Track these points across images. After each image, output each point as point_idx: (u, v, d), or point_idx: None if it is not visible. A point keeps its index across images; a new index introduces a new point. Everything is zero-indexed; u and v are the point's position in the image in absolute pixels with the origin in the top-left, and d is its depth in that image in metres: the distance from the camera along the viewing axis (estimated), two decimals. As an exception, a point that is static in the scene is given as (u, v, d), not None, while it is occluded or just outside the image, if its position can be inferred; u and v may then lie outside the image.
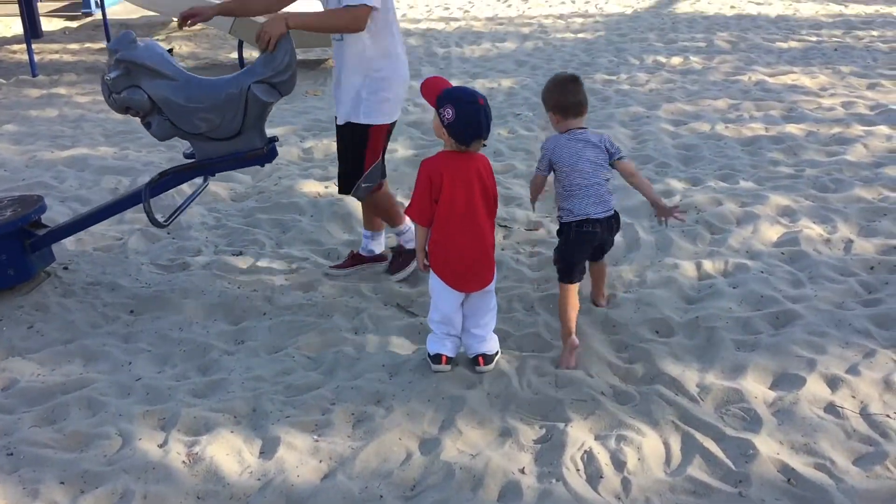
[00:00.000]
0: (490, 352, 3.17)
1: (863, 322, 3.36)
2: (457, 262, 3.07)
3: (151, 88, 3.40)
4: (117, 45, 3.41)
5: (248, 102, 3.44)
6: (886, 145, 5.43)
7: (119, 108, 3.46)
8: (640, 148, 5.66)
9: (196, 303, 3.72)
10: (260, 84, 3.44)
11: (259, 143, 3.58)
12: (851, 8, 10.34)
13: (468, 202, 3.02)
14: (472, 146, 3.00)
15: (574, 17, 10.52)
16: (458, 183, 2.99)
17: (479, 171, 3.04)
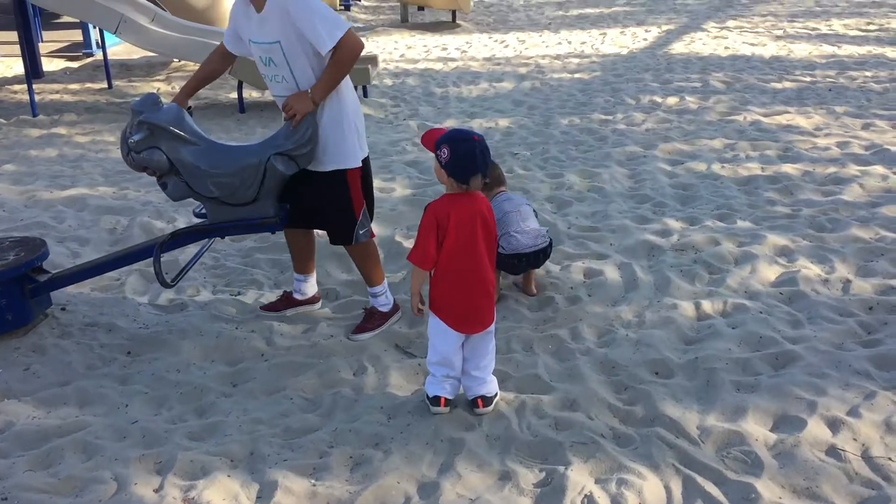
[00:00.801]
0: (489, 394, 3.17)
1: (863, 363, 3.36)
2: (458, 303, 3.06)
3: (172, 151, 3.43)
4: (141, 107, 3.44)
5: (267, 173, 3.47)
6: (882, 185, 5.47)
7: (137, 166, 3.49)
8: (637, 187, 5.69)
9: (194, 344, 3.71)
10: (280, 156, 3.47)
11: (272, 212, 3.60)
12: (844, 49, 10.47)
13: (472, 244, 3.02)
14: (472, 184, 2.99)
15: (571, 58, 10.64)
16: (463, 225, 3.00)
17: (482, 212, 3.05)
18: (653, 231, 4.85)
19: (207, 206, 3.61)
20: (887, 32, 11.60)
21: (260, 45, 3.44)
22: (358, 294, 4.26)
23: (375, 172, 6.13)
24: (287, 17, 3.31)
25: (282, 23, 3.33)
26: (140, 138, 3.38)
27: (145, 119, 3.38)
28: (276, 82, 3.52)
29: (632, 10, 14.91)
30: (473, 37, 12.66)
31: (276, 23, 3.34)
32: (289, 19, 3.31)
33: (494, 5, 16.33)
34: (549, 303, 4.06)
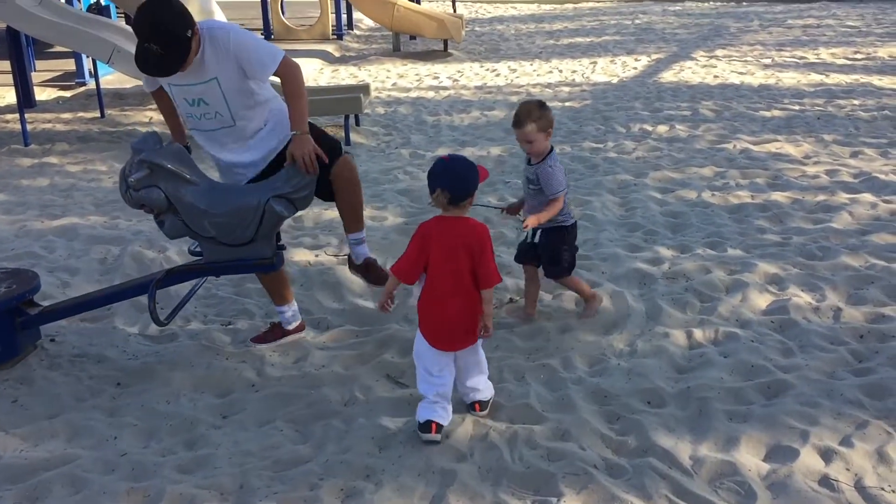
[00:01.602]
0: (485, 398, 3.33)
1: (854, 392, 3.36)
2: (437, 322, 3.15)
3: (171, 190, 3.45)
4: (141, 146, 3.46)
5: (265, 214, 3.49)
6: (871, 213, 5.50)
7: (134, 204, 3.50)
8: (628, 215, 5.72)
9: (184, 375, 3.69)
10: (279, 199, 3.49)
11: (268, 253, 3.62)
12: (832, 77, 10.58)
13: (453, 267, 3.08)
14: (436, 201, 3.10)
15: (561, 86, 10.72)
16: (445, 246, 3.08)
17: (468, 236, 3.09)
18: (644, 259, 4.87)
19: (203, 245, 3.62)
20: (874, 61, 11.74)
21: (190, 87, 3.47)
22: (350, 323, 4.25)
23: (367, 201, 6.13)
24: (228, 54, 3.41)
25: (219, 60, 3.42)
26: (140, 177, 3.39)
27: (146, 158, 3.40)
28: (206, 119, 3.56)
29: (621, 39, 15.05)
30: (465, 65, 12.74)
31: (213, 61, 3.42)
32: (228, 54, 3.41)
33: (486, 34, 16.47)
34: (540, 332, 4.05)
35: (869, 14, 17.46)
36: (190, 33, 3.32)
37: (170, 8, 3.34)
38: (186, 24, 3.32)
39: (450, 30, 13.26)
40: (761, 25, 16.21)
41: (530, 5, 23.12)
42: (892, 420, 3.16)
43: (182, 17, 3.32)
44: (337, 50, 14.31)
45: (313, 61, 12.90)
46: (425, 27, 13.46)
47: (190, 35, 3.32)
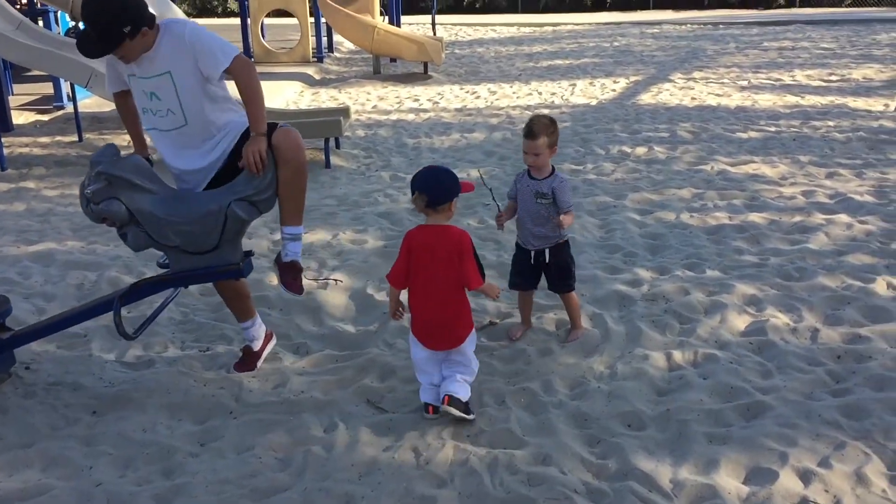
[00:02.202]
0: (456, 394, 3.37)
1: (832, 413, 3.37)
2: (422, 322, 3.42)
3: (131, 201, 3.41)
4: (100, 158, 3.44)
5: (228, 219, 3.46)
6: (847, 233, 5.56)
7: (96, 217, 3.47)
8: (607, 237, 5.74)
9: (161, 402, 3.65)
10: (241, 202, 3.46)
11: (235, 259, 3.58)
12: (808, 99, 10.72)
13: (433, 272, 3.32)
14: (415, 203, 3.33)
15: (541, 108, 10.79)
16: (426, 253, 3.33)
17: (448, 244, 3.31)
18: (624, 281, 4.89)
19: (170, 256, 3.58)
20: (849, 83, 11.91)
21: (146, 80, 3.48)
22: (330, 348, 4.23)
23: (347, 224, 6.14)
24: (182, 45, 3.42)
25: (174, 53, 3.42)
26: (97, 188, 3.36)
27: (103, 170, 3.37)
28: (160, 117, 3.54)
29: (600, 61, 15.19)
30: (445, 88, 12.81)
31: (167, 54, 3.43)
32: (184, 46, 3.42)
33: (466, 57, 16.58)
34: (521, 355, 4.05)
35: (843, 36, 17.75)
36: (129, 29, 3.30)
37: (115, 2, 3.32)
38: (127, 19, 3.30)
39: (430, 52, 13.34)
40: (738, 48, 16.42)
41: (510, 28, 23.33)
42: (869, 441, 3.18)
43: (124, 12, 3.29)
44: (317, 73, 14.34)
45: (293, 84, 12.92)
46: (405, 50, 13.53)
47: (127, 31, 3.30)
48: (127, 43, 3.35)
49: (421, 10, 28.33)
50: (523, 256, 4.12)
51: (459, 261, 3.29)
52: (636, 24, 22.74)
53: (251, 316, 3.95)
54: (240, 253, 3.61)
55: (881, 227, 5.65)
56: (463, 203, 6.33)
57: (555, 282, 4.15)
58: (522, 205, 4.03)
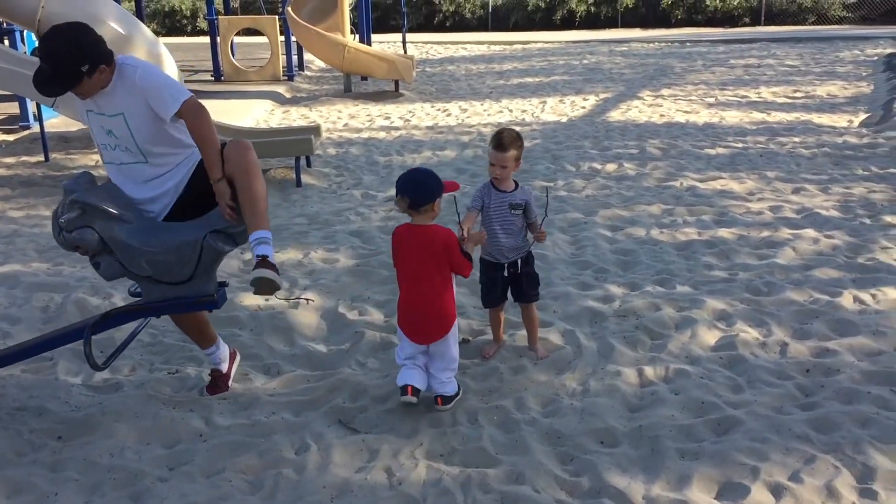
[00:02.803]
0: (448, 393, 3.62)
1: (802, 427, 3.40)
2: (406, 316, 3.58)
3: (105, 230, 3.36)
4: (74, 186, 3.39)
5: (203, 251, 3.42)
6: (814, 248, 5.63)
7: (68, 246, 3.41)
8: (578, 254, 5.77)
9: (128, 426, 3.58)
10: (217, 233, 3.43)
11: (209, 290, 3.54)
12: (774, 115, 10.88)
13: (416, 268, 3.52)
14: (399, 206, 3.50)
15: (512, 126, 10.83)
16: (407, 250, 3.53)
17: (431, 243, 3.48)
18: (595, 297, 4.90)
19: (142, 285, 3.53)
20: (813, 99, 12.12)
21: (103, 117, 3.45)
22: (301, 368, 4.19)
23: (318, 242, 6.11)
24: (134, 89, 3.37)
25: (127, 95, 3.38)
26: (72, 217, 3.31)
27: (78, 198, 3.32)
28: (119, 151, 3.49)
29: (570, 79, 15.33)
30: (416, 106, 12.84)
31: (121, 96, 3.39)
32: (135, 89, 3.37)
33: (437, 75, 16.65)
34: (493, 373, 4.04)
35: (807, 53, 18.08)
36: (87, 67, 3.26)
37: (72, 40, 3.29)
38: (84, 57, 3.26)
39: (400, 70, 13.38)
40: (704, 65, 16.66)
41: (480, 46, 23.48)
42: (839, 454, 3.20)
43: (81, 51, 3.26)
44: (288, 91, 14.32)
45: (264, 102, 12.88)
46: (376, 68, 13.56)
47: (85, 69, 3.27)
48: (85, 81, 3.31)
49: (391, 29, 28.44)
50: (496, 271, 4.13)
51: (447, 256, 3.49)
52: (605, 42, 23.00)
53: (213, 341, 3.90)
54: (214, 284, 3.58)
55: (847, 241, 5.73)
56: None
57: (525, 291, 4.15)
58: (496, 219, 4.03)
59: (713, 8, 27.24)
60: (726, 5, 27.18)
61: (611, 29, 27.72)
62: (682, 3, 27.77)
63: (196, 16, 30.68)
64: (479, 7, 29.79)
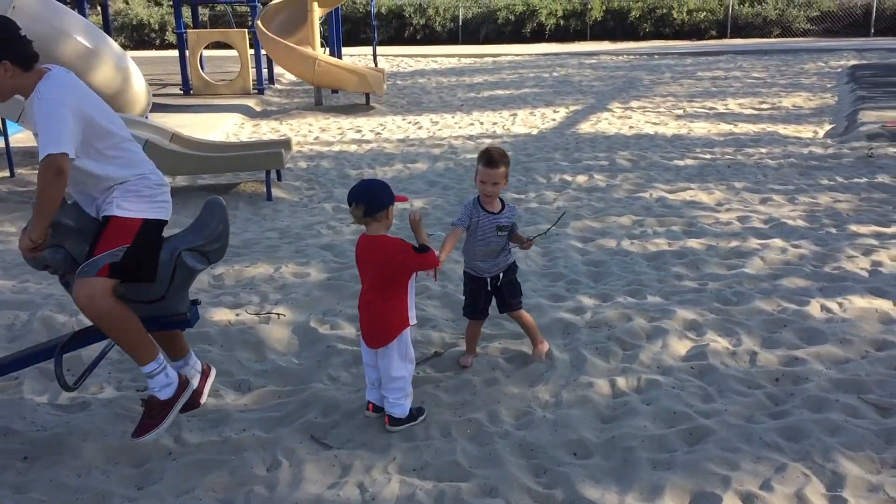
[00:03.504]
0: (395, 414, 3.61)
1: (772, 435, 3.42)
2: (362, 323, 3.67)
3: (75, 248, 3.31)
4: None
5: (176, 269, 3.38)
6: (781, 258, 5.70)
7: (38, 265, 3.35)
8: (550, 265, 5.78)
9: (96, 445, 3.53)
10: (191, 252, 3.40)
11: (182, 308, 3.51)
12: (740, 127, 11.03)
13: (369, 276, 3.60)
14: (353, 214, 3.53)
15: (483, 138, 10.89)
16: (363, 260, 3.63)
17: (380, 252, 3.54)
18: (567, 309, 4.92)
19: None
20: (779, 111, 12.30)
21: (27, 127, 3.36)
22: (273, 384, 4.15)
23: (289, 256, 6.07)
24: (32, 115, 3.19)
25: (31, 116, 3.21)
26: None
27: None
28: None
29: (540, 91, 15.42)
30: (387, 119, 12.85)
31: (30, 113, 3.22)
32: (32, 117, 3.19)
33: (407, 88, 16.67)
34: (466, 385, 4.03)
35: (773, 66, 18.36)
36: None
37: None
38: None
39: (371, 83, 13.38)
40: (672, 77, 16.85)
41: (451, 59, 23.56)
42: (808, 462, 3.23)
43: None
44: (258, 104, 14.26)
45: (234, 116, 12.82)
46: (347, 81, 13.56)
47: None
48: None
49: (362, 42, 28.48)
50: (478, 285, 4.17)
51: (402, 266, 3.53)
52: (574, 54, 23.19)
53: (184, 354, 3.84)
54: (187, 302, 3.54)
55: (813, 250, 5.81)
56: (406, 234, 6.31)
57: (506, 301, 4.21)
58: (482, 239, 4.06)
59: (680, 21, 27.60)
60: (693, 18, 27.56)
61: (580, 42, 27.97)
62: (649, 17, 28.12)
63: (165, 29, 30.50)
64: (449, 20, 29.93)
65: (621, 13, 28.54)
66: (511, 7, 28.94)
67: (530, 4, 28.74)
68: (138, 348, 3.38)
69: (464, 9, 29.82)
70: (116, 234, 3.29)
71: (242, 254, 6.20)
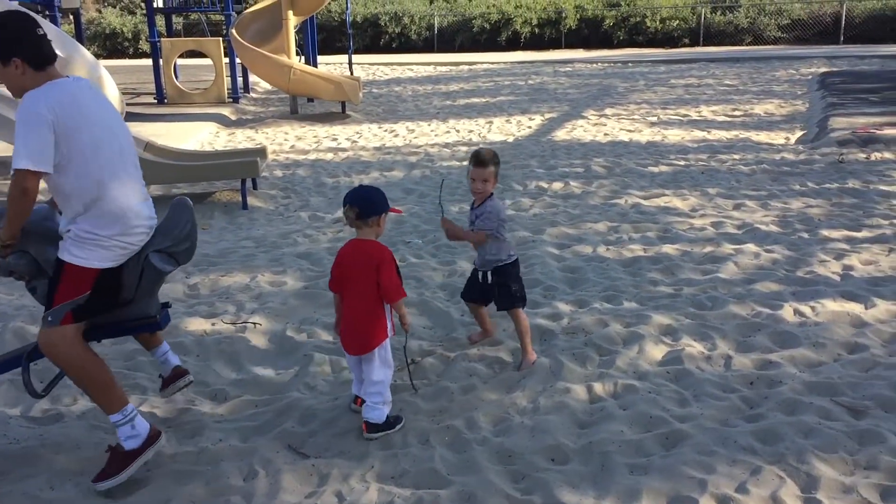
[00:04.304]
0: (372, 420, 3.60)
1: (747, 438, 3.45)
2: (343, 329, 3.69)
3: (41, 254, 3.27)
4: None
5: (144, 271, 3.34)
6: (755, 262, 5.76)
7: (3, 271, 3.31)
8: (527, 272, 5.80)
9: (70, 458, 3.48)
10: (158, 253, 3.36)
11: (151, 311, 3.47)
12: (714, 133, 11.14)
13: (353, 281, 3.59)
14: (346, 215, 3.61)
15: (459, 146, 10.91)
16: (351, 265, 3.61)
17: (370, 257, 3.57)
18: (544, 315, 4.93)
19: None
20: (752, 118, 12.44)
21: None
22: (249, 393, 4.13)
23: (266, 265, 6.04)
24: None
25: None
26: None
27: None
28: None
29: (516, 99, 15.49)
30: (363, 127, 12.85)
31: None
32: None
33: (384, 96, 16.68)
34: (443, 392, 4.03)
35: (745, 73, 18.58)
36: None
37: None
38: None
39: (347, 92, 13.38)
40: (647, 85, 17.00)
41: (426, 67, 23.61)
42: (783, 465, 3.26)
43: None
44: (233, 113, 14.21)
45: (209, 125, 12.76)
46: (322, 90, 13.54)
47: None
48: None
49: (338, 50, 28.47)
50: (474, 274, 4.45)
51: (379, 273, 3.54)
52: (549, 62, 23.33)
53: (159, 343, 3.79)
54: (156, 305, 3.51)
55: (786, 255, 5.87)
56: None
57: (496, 300, 4.34)
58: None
59: (654, 29, 27.86)
60: (666, 27, 27.83)
61: (555, 50, 28.16)
62: (623, 25, 28.36)
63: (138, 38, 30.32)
64: (424, 29, 30.01)
65: (595, 21, 28.77)
66: (486, 15, 29.08)
67: (505, 13, 28.89)
68: (105, 396, 3.29)
69: (439, 17, 29.91)
70: (75, 284, 3.19)
71: (218, 263, 6.17)
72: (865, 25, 26.51)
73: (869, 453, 3.32)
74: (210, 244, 6.74)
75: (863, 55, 21.96)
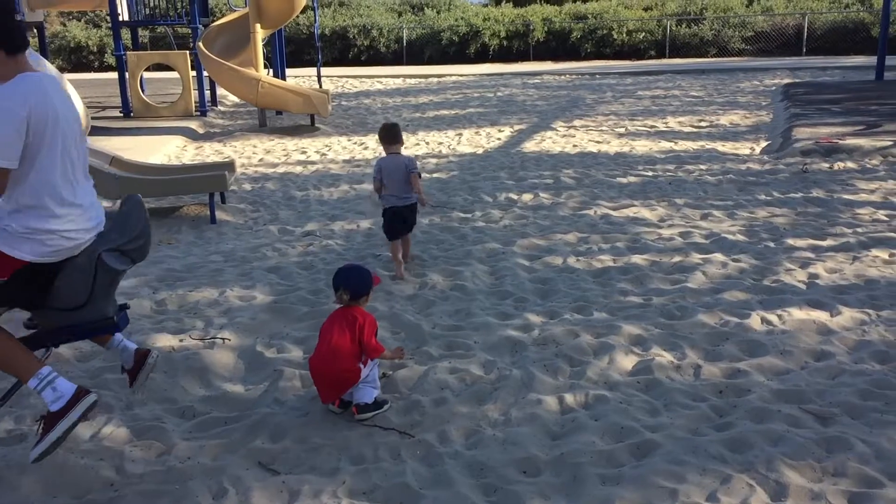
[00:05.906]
0: (361, 401, 3.82)
1: (717, 447, 3.48)
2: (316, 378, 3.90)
3: None
4: None
5: (98, 271, 3.27)
6: (722, 272, 5.82)
7: None
8: (498, 284, 5.81)
9: (34, 478, 3.41)
10: (111, 252, 3.29)
11: (109, 313, 3.39)
12: (680, 144, 11.27)
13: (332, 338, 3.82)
14: (339, 298, 3.94)
15: (428, 158, 10.92)
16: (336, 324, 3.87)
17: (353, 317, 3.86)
18: (515, 326, 4.94)
19: (35, 314, 3.36)
20: (717, 128, 12.60)
21: None
22: (218, 410, 4.08)
23: (235, 280, 5.99)
24: None
25: None
26: None
27: None
28: None
29: (485, 111, 15.56)
30: (333, 140, 12.82)
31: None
32: None
33: (353, 108, 16.67)
34: (415, 406, 4.01)
35: (710, 84, 18.83)
36: None
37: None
38: None
39: (316, 105, 13.35)
40: (614, 97, 17.16)
41: (395, 79, 23.65)
42: (753, 473, 3.28)
43: None
44: (201, 127, 14.11)
45: (176, 139, 12.66)
46: (291, 102, 13.50)
47: None
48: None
49: (306, 63, 28.42)
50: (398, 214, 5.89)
51: (361, 334, 3.82)
52: (518, 74, 23.47)
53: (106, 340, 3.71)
54: (113, 306, 3.43)
55: (753, 264, 5.94)
56: (353, 254, 6.27)
57: None
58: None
59: (620, 41, 28.17)
60: (633, 39, 28.15)
61: (523, 62, 28.35)
62: (590, 37, 28.64)
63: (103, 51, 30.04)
64: (393, 41, 30.07)
65: (563, 34, 29.03)
66: (455, 28, 29.21)
67: (474, 25, 29.05)
68: (15, 365, 3.21)
69: (408, 30, 29.99)
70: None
71: (186, 278, 6.10)
72: (826, 38, 27.04)
73: (837, 460, 3.36)
74: (178, 259, 6.67)
75: (825, 66, 22.37)
